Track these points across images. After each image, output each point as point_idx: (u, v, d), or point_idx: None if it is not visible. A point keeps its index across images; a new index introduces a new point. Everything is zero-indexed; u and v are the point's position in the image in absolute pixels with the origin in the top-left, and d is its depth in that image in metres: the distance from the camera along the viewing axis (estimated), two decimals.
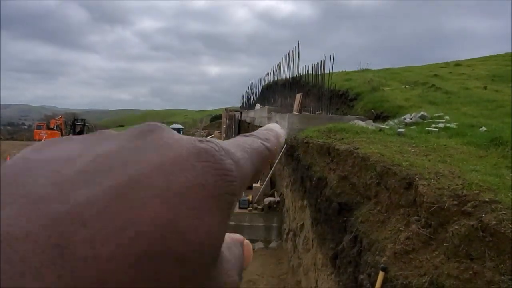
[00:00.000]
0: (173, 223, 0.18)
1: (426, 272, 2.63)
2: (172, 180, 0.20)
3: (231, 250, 0.24)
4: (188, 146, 0.22)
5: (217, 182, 0.21)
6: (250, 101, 27.18)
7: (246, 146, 0.26)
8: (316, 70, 11.00)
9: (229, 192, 0.21)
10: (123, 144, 0.22)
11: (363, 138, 5.07)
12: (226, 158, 0.22)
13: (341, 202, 4.35)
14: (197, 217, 0.19)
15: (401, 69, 17.60)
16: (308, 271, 5.69)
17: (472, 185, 2.87)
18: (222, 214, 0.21)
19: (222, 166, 0.21)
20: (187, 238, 0.18)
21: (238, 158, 0.23)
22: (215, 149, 0.22)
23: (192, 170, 0.20)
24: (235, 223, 8.20)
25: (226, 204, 0.21)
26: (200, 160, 0.21)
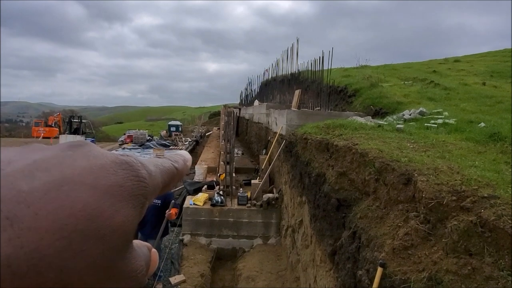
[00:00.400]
0: (98, 210, 0.24)
1: (425, 268, 2.63)
2: (98, 180, 0.25)
3: (140, 248, 0.29)
4: (112, 157, 0.28)
5: (133, 185, 0.27)
6: (248, 98, 27.16)
7: (159, 163, 0.33)
8: (315, 66, 10.97)
9: (142, 194, 0.27)
10: (57, 152, 0.27)
11: (362, 134, 5.06)
12: (141, 169, 0.28)
13: (340, 198, 4.34)
14: (115, 208, 0.25)
15: (400, 65, 17.59)
16: (307, 267, 5.69)
17: (471, 181, 2.86)
18: (135, 210, 0.26)
19: (138, 174, 0.28)
20: (108, 223, 0.24)
21: (151, 171, 0.30)
22: (133, 161, 0.28)
23: (114, 175, 0.26)
24: (234, 219, 8.20)
25: (139, 203, 0.27)
26: (121, 168, 0.27)
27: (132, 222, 0.26)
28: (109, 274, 0.24)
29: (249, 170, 11.80)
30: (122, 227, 0.25)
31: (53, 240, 0.21)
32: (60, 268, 0.21)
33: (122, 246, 0.25)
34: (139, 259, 0.28)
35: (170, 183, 0.34)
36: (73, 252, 0.22)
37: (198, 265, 7.15)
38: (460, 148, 4.18)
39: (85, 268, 0.22)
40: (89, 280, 0.22)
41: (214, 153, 16.21)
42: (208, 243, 8.16)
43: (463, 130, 5.21)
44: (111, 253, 0.24)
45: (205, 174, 11.41)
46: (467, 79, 11.71)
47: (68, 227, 0.22)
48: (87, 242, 0.22)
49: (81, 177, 0.24)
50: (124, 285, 0.26)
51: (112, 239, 0.24)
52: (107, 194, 0.25)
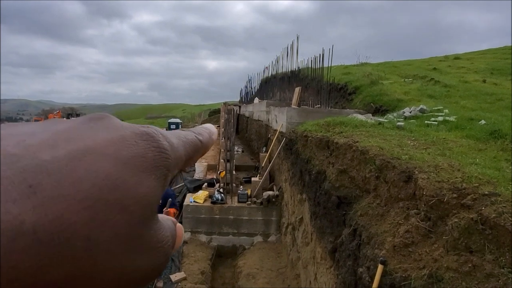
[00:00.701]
0: (121, 181, 0.23)
1: (425, 265, 2.64)
2: (120, 151, 0.25)
3: (165, 221, 0.29)
4: (133, 128, 0.27)
5: (155, 156, 0.26)
6: (248, 95, 27.13)
7: (182, 136, 0.32)
8: (315, 63, 10.95)
9: (165, 166, 0.27)
10: (78, 125, 0.26)
11: (362, 132, 5.06)
12: (163, 140, 0.28)
13: (340, 196, 4.34)
14: (138, 179, 0.25)
15: (400, 63, 17.57)
16: (307, 264, 5.70)
17: (471, 178, 2.86)
18: (158, 181, 0.26)
19: (159, 145, 0.27)
20: (132, 193, 0.24)
21: (173, 142, 0.29)
22: (154, 133, 0.28)
23: (135, 146, 0.26)
24: (234, 217, 8.21)
25: (161, 174, 0.26)
26: (142, 139, 0.27)
27: (156, 193, 0.26)
28: (135, 245, 0.24)
29: (249, 168, 11.80)
30: (146, 197, 0.25)
31: (79, 209, 0.21)
32: (88, 237, 0.21)
33: (146, 216, 0.25)
34: (165, 231, 0.28)
35: (194, 156, 0.33)
36: (99, 221, 0.22)
37: (199, 262, 7.17)
38: (461, 145, 4.18)
39: (112, 237, 0.22)
40: (116, 250, 0.23)
41: (214, 151, 16.22)
42: (208, 241, 8.18)
43: (464, 128, 5.20)
44: (136, 223, 0.24)
45: (205, 171, 11.41)
46: (467, 76, 11.70)
47: (92, 196, 0.22)
48: (112, 212, 0.22)
49: (102, 147, 0.24)
50: (151, 256, 0.26)
51: (136, 209, 0.24)
52: (129, 165, 0.25)
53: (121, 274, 0.23)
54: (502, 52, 17.50)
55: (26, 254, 0.19)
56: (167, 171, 0.27)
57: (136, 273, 0.25)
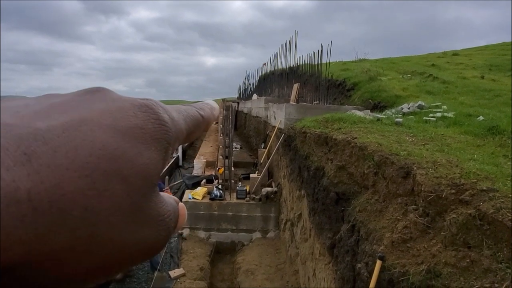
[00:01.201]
0: (120, 151, 0.23)
1: (424, 260, 2.65)
2: (118, 121, 0.24)
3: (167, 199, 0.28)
4: (131, 100, 0.27)
5: (155, 128, 0.26)
6: (247, 92, 27.11)
7: (182, 110, 0.32)
8: (314, 60, 10.94)
9: (165, 138, 0.26)
10: (74, 97, 0.26)
11: (361, 128, 5.06)
12: (163, 113, 0.27)
13: (339, 192, 4.35)
14: (138, 150, 0.24)
15: (398, 59, 17.56)
16: (305, 260, 5.72)
17: (469, 174, 2.87)
18: (158, 154, 0.25)
19: (159, 117, 0.27)
20: (130, 164, 0.23)
21: (173, 116, 0.29)
22: (153, 105, 0.27)
23: (134, 117, 0.25)
24: (233, 213, 8.22)
25: (162, 147, 0.26)
26: (141, 111, 0.26)
27: (156, 165, 0.25)
28: (135, 216, 0.23)
29: (247, 164, 11.81)
30: (145, 169, 0.24)
31: (75, 177, 0.20)
32: (85, 206, 0.21)
33: (146, 188, 0.24)
34: (166, 205, 0.27)
35: (195, 131, 0.33)
36: (97, 191, 0.21)
37: (197, 258, 7.18)
38: (459, 141, 4.19)
39: (110, 208, 0.22)
40: (115, 221, 0.22)
41: (212, 147, 16.21)
42: (207, 237, 8.19)
43: (462, 124, 5.21)
44: (136, 194, 0.23)
45: (204, 168, 11.41)
46: (466, 72, 11.71)
47: (89, 165, 0.21)
48: (111, 182, 0.22)
49: (99, 118, 0.24)
50: (152, 229, 0.25)
51: (136, 180, 0.23)
52: (127, 136, 0.24)
53: (121, 246, 0.23)
54: (500, 48, 17.52)
55: (21, 221, 0.19)
56: (168, 144, 0.27)
57: (137, 246, 0.24)
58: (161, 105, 0.28)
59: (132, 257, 0.24)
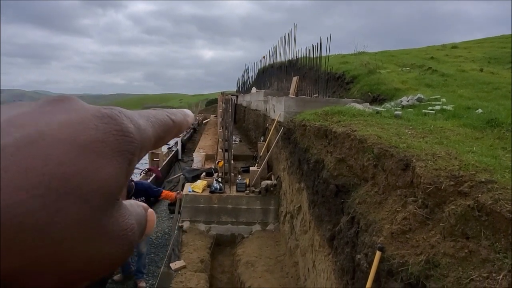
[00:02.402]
0: (76, 168, 0.22)
1: (423, 251, 2.68)
2: (77, 135, 0.23)
3: (133, 207, 0.28)
4: (93, 111, 0.26)
5: (117, 141, 0.25)
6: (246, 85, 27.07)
7: (150, 116, 0.30)
8: (313, 53, 10.92)
9: (128, 150, 0.25)
10: (35, 108, 0.25)
11: (360, 121, 5.08)
12: (127, 123, 0.26)
13: (338, 184, 4.38)
14: (97, 166, 0.23)
15: (398, 52, 17.53)
16: (305, 252, 5.77)
17: (468, 166, 2.90)
18: (121, 167, 0.25)
19: (122, 128, 0.25)
20: (88, 181, 0.22)
21: (139, 124, 0.28)
22: (117, 115, 0.26)
23: (95, 129, 0.24)
24: (232, 206, 8.26)
25: (124, 159, 0.25)
26: (103, 122, 0.25)
27: (118, 179, 0.24)
28: (94, 233, 0.23)
29: (247, 158, 11.84)
30: (105, 185, 0.23)
31: (26, 198, 0.20)
32: (37, 227, 0.20)
33: (106, 205, 0.24)
34: (129, 218, 0.26)
35: (165, 137, 0.32)
36: (51, 211, 0.21)
37: (198, 251, 7.23)
38: (458, 134, 4.22)
39: (65, 227, 0.21)
40: (71, 240, 0.22)
41: (212, 141, 16.22)
42: (207, 230, 8.24)
43: (461, 116, 5.24)
44: (94, 212, 0.23)
45: (203, 161, 11.44)
46: (465, 65, 11.71)
47: (41, 185, 0.21)
48: (66, 201, 0.21)
49: (57, 132, 0.23)
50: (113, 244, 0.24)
51: (93, 198, 0.22)
52: (86, 150, 0.23)
53: (79, 263, 0.23)
54: (499, 41, 17.49)
55: None
56: (132, 156, 0.26)
57: (97, 261, 0.24)
58: (125, 114, 0.27)
59: (93, 272, 0.24)
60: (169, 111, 0.34)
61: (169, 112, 0.33)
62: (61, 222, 0.21)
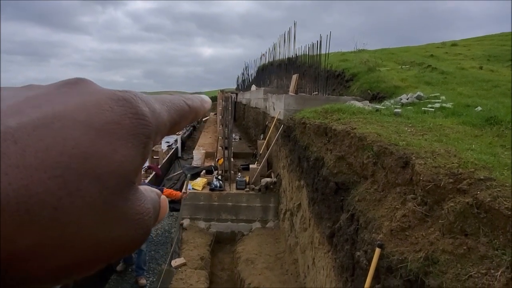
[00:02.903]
0: (93, 149, 0.22)
1: (422, 248, 2.70)
2: (92, 117, 0.23)
3: (147, 192, 0.28)
4: (109, 93, 0.26)
5: (132, 123, 0.25)
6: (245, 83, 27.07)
7: (166, 100, 0.30)
8: (312, 50, 10.93)
9: (143, 133, 0.25)
10: (51, 90, 0.26)
11: (360, 119, 5.10)
12: (142, 106, 0.26)
13: (338, 182, 4.40)
14: (113, 148, 0.23)
15: (397, 50, 17.54)
16: (305, 249, 5.80)
17: (467, 164, 2.91)
18: (136, 150, 0.24)
19: (137, 111, 0.25)
20: (104, 162, 0.22)
21: (154, 108, 0.27)
22: (132, 98, 0.26)
23: (110, 112, 0.24)
24: (232, 203, 8.29)
25: (140, 142, 0.25)
26: (118, 105, 0.25)
27: (133, 162, 0.24)
28: (110, 216, 0.23)
29: (247, 155, 11.86)
30: (121, 167, 0.23)
31: (45, 178, 0.20)
32: (55, 207, 0.20)
33: (122, 187, 0.23)
34: (146, 202, 0.26)
35: (181, 122, 0.31)
36: (68, 191, 0.21)
37: (198, 248, 7.26)
38: (457, 131, 4.24)
39: (82, 208, 0.21)
40: (87, 221, 0.22)
41: (211, 138, 16.24)
42: (207, 227, 8.26)
43: (460, 114, 5.25)
44: (110, 194, 0.23)
45: (203, 159, 11.46)
46: (464, 63, 11.72)
47: (60, 165, 0.21)
48: (83, 182, 0.21)
49: (73, 114, 0.23)
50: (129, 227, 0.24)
51: (110, 179, 0.23)
52: (102, 132, 0.23)
53: (94, 245, 0.23)
54: (499, 38, 17.49)
55: None
56: (147, 139, 0.26)
57: (112, 245, 0.24)
58: (141, 97, 0.27)
59: (107, 256, 0.24)
60: (185, 96, 0.33)
61: (185, 97, 0.33)
62: (79, 202, 0.21)
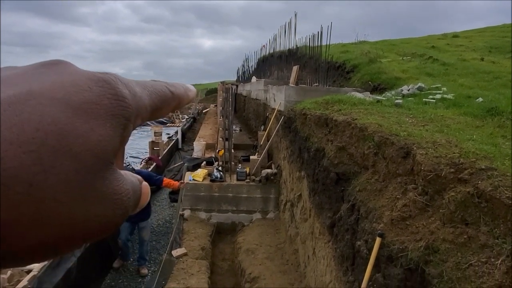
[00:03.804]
0: (70, 127, 0.22)
1: (422, 237, 2.72)
2: (70, 96, 0.23)
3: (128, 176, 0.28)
4: (88, 74, 0.26)
5: (111, 104, 0.25)
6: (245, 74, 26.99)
7: (148, 85, 0.30)
8: (313, 42, 10.87)
9: (122, 115, 0.25)
10: (28, 70, 0.26)
11: (361, 109, 5.09)
12: (122, 88, 0.26)
13: (339, 172, 4.41)
14: (90, 127, 0.23)
15: (398, 41, 17.44)
16: (305, 240, 5.83)
17: (469, 154, 2.92)
18: (114, 131, 0.24)
19: (117, 92, 0.25)
20: (81, 141, 0.22)
21: (135, 91, 0.27)
22: (112, 79, 0.26)
23: (89, 91, 0.24)
24: (233, 194, 8.31)
25: (118, 124, 0.25)
26: (97, 85, 0.25)
27: (111, 142, 0.24)
28: (87, 194, 0.23)
29: (247, 147, 11.86)
30: (98, 146, 0.23)
31: (19, 152, 0.20)
32: (29, 182, 0.20)
33: (99, 166, 0.23)
34: (125, 183, 0.26)
35: (162, 108, 0.31)
36: (43, 167, 0.20)
37: (199, 238, 7.30)
38: (458, 122, 4.24)
39: (57, 184, 0.21)
40: (63, 198, 0.21)
41: (212, 130, 16.24)
42: (208, 218, 8.30)
43: (461, 105, 5.25)
44: (87, 172, 0.22)
45: (204, 150, 11.47)
46: (466, 54, 11.67)
47: (35, 141, 0.21)
48: (58, 159, 0.21)
49: (50, 92, 0.23)
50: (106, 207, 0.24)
51: (87, 158, 0.22)
52: (80, 111, 0.23)
53: (69, 223, 0.22)
54: (500, 30, 17.39)
55: None
56: (126, 121, 0.26)
57: (89, 223, 0.23)
58: (121, 80, 0.27)
59: (84, 235, 0.24)
60: (169, 83, 0.33)
61: (168, 84, 0.33)
62: (54, 179, 0.21)
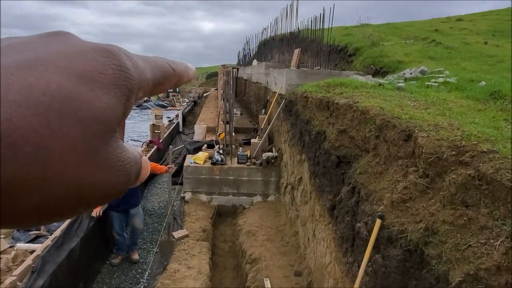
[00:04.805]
0: (76, 93, 0.22)
1: (422, 219, 2.74)
2: (75, 64, 0.24)
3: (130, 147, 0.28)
4: (92, 45, 0.26)
5: (115, 74, 0.25)
6: (246, 58, 26.77)
7: (150, 60, 0.31)
8: (315, 25, 10.75)
9: (126, 85, 0.26)
10: (34, 38, 0.26)
11: (363, 93, 5.07)
12: (126, 60, 0.26)
13: (340, 155, 4.42)
14: (95, 95, 0.23)
15: (401, 24, 17.25)
16: (305, 222, 5.88)
17: (470, 137, 2.91)
18: (118, 100, 0.25)
19: (120, 63, 0.26)
20: (87, 107, 0.23)
21: (138, 64, 0.28)
22: (116, 50, 0.26)
23: (94, 61, 0.25)
24: (234, 177, 8.35)
25: (122, 94, 0.25)
26: (102, 56, 0.25)
27: (115, 111, 0.24)
28: (91, 158, 0.23)
29: (248, 130, 11.86)
30: (103, 113, 0.23)
31: (28, 114, 0.20)
32: (37, 143, 0.20)
33: (104, 133, 0.24)
34: (127, 152, 0.26)
35: (163, 83, 0.32)
36: (50, 129, 0.21)
37: (200, 221, 7.37)
38: (461, 106, 4.22)
39: (64, 147, 0.21)
40: (69, 161, 0.22)
41: (212, 113, 16.21)
42: (209, 200, 8.36)
43: (464, 89, 5.22)
44: (92, 137, 0.23)
45: (205, 134, 11.47)
46: (469, 38, 11.56)
47: (43, 104, 0.21)
48: (65, 122, 0.21)
49: (56, 59, 0.23)
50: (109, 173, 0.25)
51: (92, 123, 0.23)
52: (85, 79, 0.23)
53: (75, 186, 0.23)
54: (505, 13, 17.16)
55: None
56: (129, 92, 0.26)
57: (93, 188, 0.24)
58: (124, 52, 0.27)
59: (88, 199, 0.24)
60: (170, 60, 0.34)
61: (169, 61, 0.33)
62: (61, 142, 0.21)
